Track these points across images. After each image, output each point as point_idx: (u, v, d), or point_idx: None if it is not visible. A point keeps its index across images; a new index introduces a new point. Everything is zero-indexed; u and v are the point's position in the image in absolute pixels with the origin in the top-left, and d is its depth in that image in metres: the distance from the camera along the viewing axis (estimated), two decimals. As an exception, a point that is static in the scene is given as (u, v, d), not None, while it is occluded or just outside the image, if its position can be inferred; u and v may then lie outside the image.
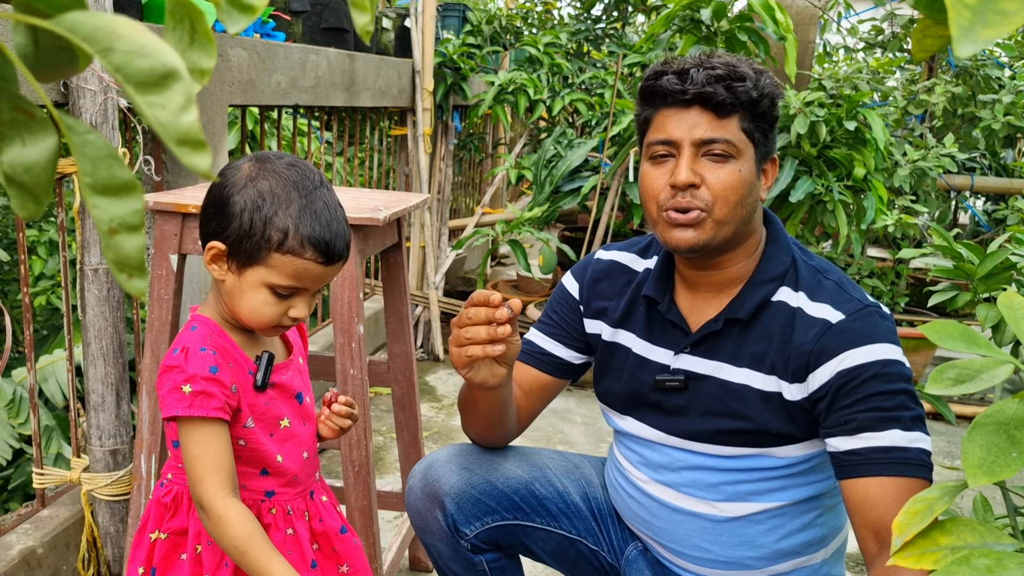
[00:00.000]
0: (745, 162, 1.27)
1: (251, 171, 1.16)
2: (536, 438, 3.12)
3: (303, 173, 1.17)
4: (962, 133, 4.09)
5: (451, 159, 4.30)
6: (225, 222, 1.14)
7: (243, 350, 1.22)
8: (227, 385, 1.16)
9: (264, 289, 1.16)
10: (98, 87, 1.75)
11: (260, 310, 1.17)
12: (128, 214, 0.35)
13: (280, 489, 1.26)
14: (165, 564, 1.24)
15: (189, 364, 1.14)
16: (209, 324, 1.21)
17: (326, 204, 1.17)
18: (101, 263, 1.82)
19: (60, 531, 1.87)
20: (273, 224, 1.13)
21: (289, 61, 2.73)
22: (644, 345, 1.41)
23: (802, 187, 3.11)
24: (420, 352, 4.04)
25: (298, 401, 1.29)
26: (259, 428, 1.22)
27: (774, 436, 1.29)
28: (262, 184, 1.14)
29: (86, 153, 0.34)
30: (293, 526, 1.27)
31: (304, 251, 1.14)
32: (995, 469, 0.51)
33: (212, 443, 1.14)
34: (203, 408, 1.13)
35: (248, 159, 1.18)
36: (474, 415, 1.46)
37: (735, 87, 1.25)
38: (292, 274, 1.15)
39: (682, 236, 1.28)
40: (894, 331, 1.27)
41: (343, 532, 1.33)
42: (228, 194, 1.15)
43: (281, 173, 1.15)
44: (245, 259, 1.15)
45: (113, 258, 0.36)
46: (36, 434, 1.91)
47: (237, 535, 1.13)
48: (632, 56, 3.75)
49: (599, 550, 1.52)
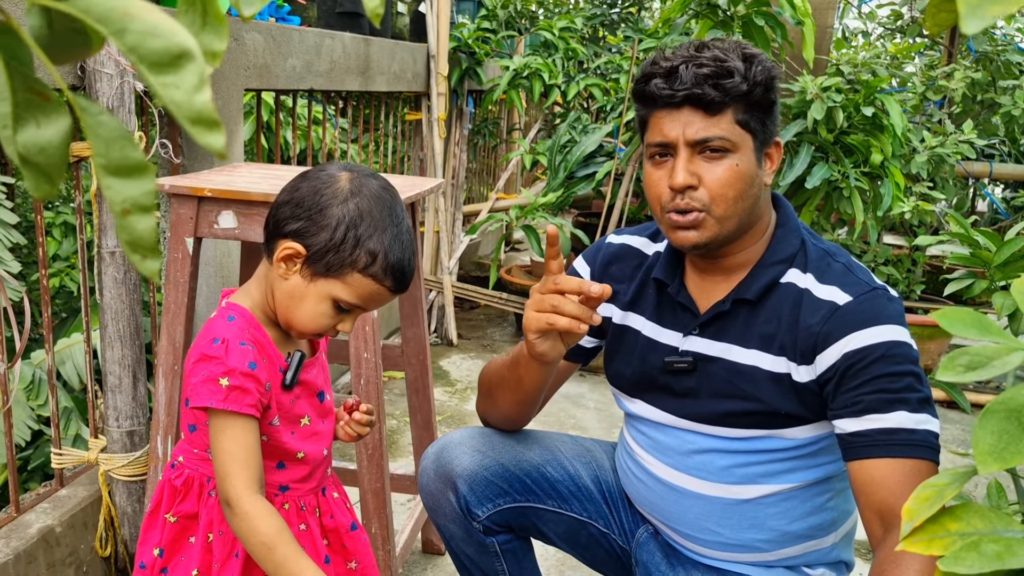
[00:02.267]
0: (743, 154, 1.27)
1: (351, 185, 1.15)
2: (549, 423, 3.13)
3: (395, 198, 1.18)
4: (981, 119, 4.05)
5: (465, 144, 4.29)
6: (315, 229, 1.13)
7: (276, 347, 1.22)
8: (263, 382, 1.16)
9: (328, 302, 1.16)
10: (115, 71, 1.76)
11: (316, 320, 1.17)
12: (141, 195, 0.35)
13: (294, 484, 1.27)
14: (173, 546, 1.25)
15: (229, 357, 1.13)
16: (247, 316, 1.21)
17: (410, 236, 1.19)
18: (118, 246, 1.83)
19: (78, 511, 1.90)
20: (366, 246, 1.13)
21: (304, 45, 2.73)
22: (654, 328, 1.41)
23: (818, 173, 3.08)
24: (434, 337, 4.06)
25: (319, 399, 1.30)
26: (283, 426, 1.23)
27: (783, 417, 1.29)
28: (363, 203, 1.14)
29: (99, 134, 0.34)
30: (306, 521, 1.27)
31: (385, 278, 1.16)
32: (1006, 456, 0.51)
33: (243, 439, 1.14)
34: (238, 403, 1.13)
35: (342, 168, 1.18)
36: (513, 392, 1.45)
37: (724, 84, 1.23)
38: (364, 296, 1.16)
39: (685, 237, 1.29)
40: (902, 313, 1.26)
41: (353, 529, 1.34)
42: (326, 202, 1.13)
43: (379, 196, 1.16)
44: (323, 270, 1.14)
45: (126, 239, 0.36)
46: (54, 415, 1.93)
47: (265, 531, 1.12)
48: (648, 41, 3.72)
49: (610, 533, 1.53)
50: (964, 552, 0.50)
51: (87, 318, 1.98)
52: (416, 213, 1.97)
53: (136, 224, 0.35)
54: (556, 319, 1.24)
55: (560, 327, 1.24)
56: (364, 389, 1.69)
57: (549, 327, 1.25)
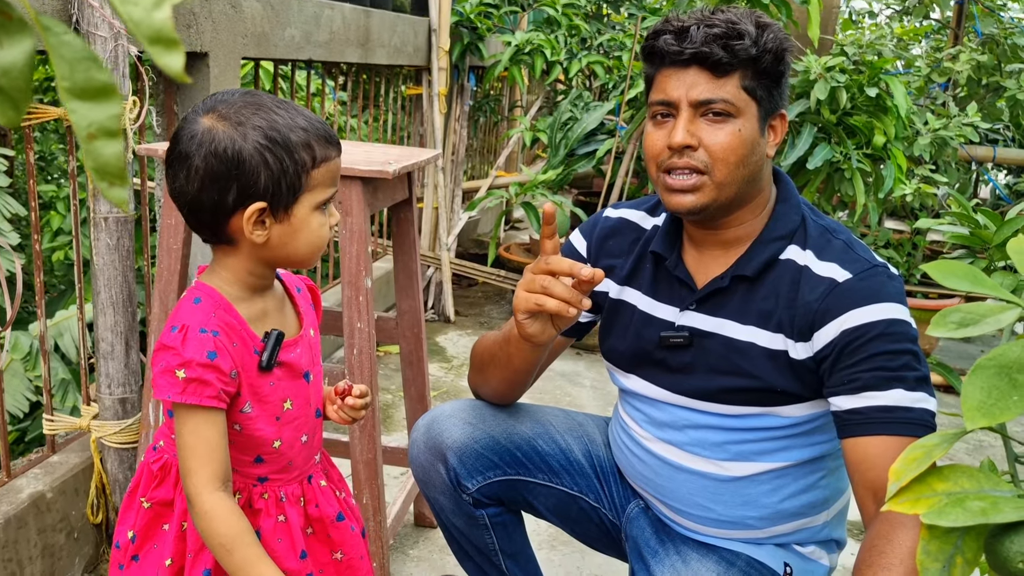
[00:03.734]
0: (746, 121, 1.25)
1: (226, 122, 1.06)
2: (544, 400, 3.13)
3: (257, 94, 1.10)
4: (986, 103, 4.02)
5: (466, 120, 4.27)
6: (251, 179, 1.05)
7: (250, 326, 1.14)
8: (225, 372, 1.08)
9: (314, 213, 1.10)
10: (108, 33, 1.74)
11: (318, 235, 1.12)
12: (106, 119, 0.34)
13: (274, 476, 1.20)
14: (146, 533, 1.20)
15: (186, 348, 1.06)
16: (214, 296, 1.12)
17: (292, 105, 1.11)
18: (111, 211, 1.82)
19: (69, 477, 1.90)
20: (297, 148, 1.06)
21: (303, 15, 2.70)
22: (650, 302, 1.40)
23: (820, 154, 3.07)
24: (431, 313, 4.05)
25: (305, 380, 1.22)
26: (259, 412, 1.15)
27: (779, 395, 1.28)
28: (254, 122, 1.06)
29: (63, 55, 0.33)
30: (285, 513, 1.20)
31: (329, 150, 1.10)
32: (994, 412, 0.50)
33: (204, 433, 1.07)
34: (196, 396, 1.06)
35: (198, 116, 1.08)
36: (502, 370, 1.43)
37: (733, 46, 1.22)
38: (329, 180, 1.11)
39: (680, 201, 1.27)
40: (901, 291, 1.25)
41: (339, 519, 1.27)
42: (232, 154, 1.05)
43: (252, 103, 1.08)
44: (290, 197, 1.08)
45: (92, 165, 0.35)
46: (46, 381, 1.93)
47: (224, 533, 1.07)
48: (651, 19, 3.69)
49: (600, 507, 1.53)
50: (949, 507, 0.50)
51: (80, 284, 1.97)
52: (413, 185, 1.96)
53: (102, 149, 0.34)
54: (545, 300, 1.21)
55: (548, 309, 1.21)
56: (357, 360, 1.68)
57: (538, 308, 1.22)
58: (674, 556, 1.37)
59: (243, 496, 1.19)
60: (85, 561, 1.95)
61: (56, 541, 1.85)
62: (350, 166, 1.61)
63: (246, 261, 1.13)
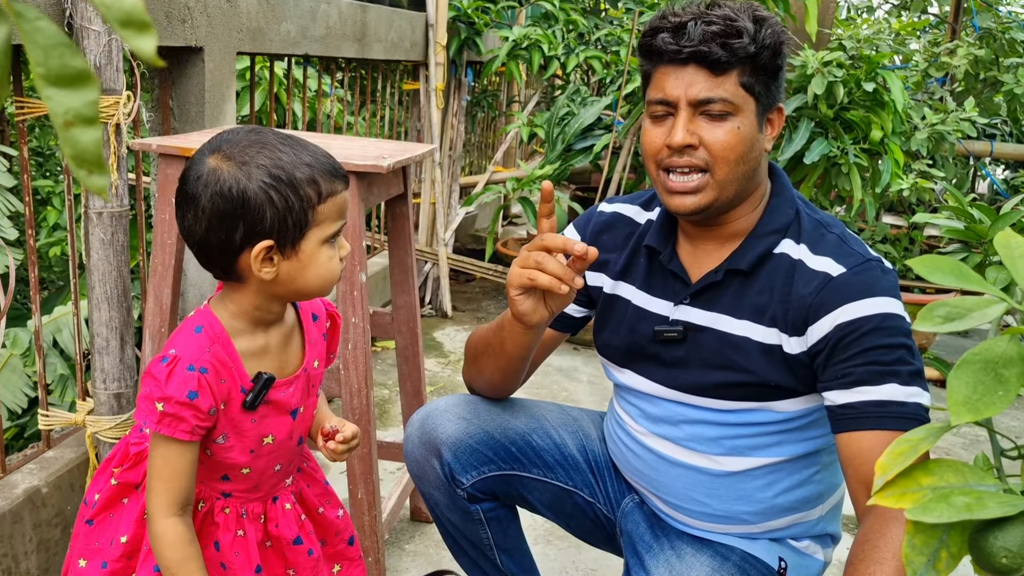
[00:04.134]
0: (745, 118, 1.25)
1: (227, 160, 1.08)
2: (541, 395, 3.13)
3: (262, 131, 1.11)
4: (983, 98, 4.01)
5: (463, 115, 4.26)
6: (256, 218, 1.06)
7: (245, 363, 1.16)
8: (204, 410, 1.11)
9: (322, 248, 1.12)
10: (102, 28, 1.73)
11: (327, 269, 1.13)
12: (83, 106, 0.33)
13: (239, 494, 1.23)
14: (106, 503, 1.23)
15: (170, 383, 1.09)
16: (215, 328, 1.14)
17: (299, 140, 1.12)
18: (105, 206, 1.82)
19: (64, 472, 1.89)
20: (301, 184, 1.08)
21: (299, 9, 2.69)
22: (644, 297, 1.40)
23: (817, 149, 3.06)
24: (428, 308, 4.05)
25: (292, 417, 1.23)
26: (234, 443, 1.17)
27: (774, 389, 1.28)
28: (259, 160, 1.07)
29: (37, 41, 0.33)
30: (244, 528, 1.23)
31: (335, 185, 1.11)
32: (980, 407, 0.50)
33: (172, 461, 1.12)
34: (170, 429, 1.09)
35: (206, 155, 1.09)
36: (496, 359, 1.43)
37: (731, 44, 1.21)
38: (337, 214, 1.12)
39: (682, 202, 1.27)
40: (896, 285, 1.25)
41: (296, 543, 1.28)
42: (238, 193, 1.06)
43: (254, 141, 1.09)
44: (297, 234, 1.09)
45: (70, 153, 0.35)
46: (41, 376, 1.92)
47: (170, 557, 1.12)
48: (649, 13, 3.68)
49: (595, 502, 1.53)
50: (933, 503, 0.50)
51: (75, 279, 1.97)
52: (409, 180, 1.95)
53: (80, 137, 0.34)
54: (537, 276, 1.21)
55: (541, 284, 1.21)
56: (352, 355, 1.68)
57: (530, 283, 1.22)
58: (669, 551, 1.37)
59: (207, 505, 1.22)
60: (80, 556, 1.95)
61: (51, 536, 1.85)
62: (344, 160, 1.61)
63: (254, 297, 1.15)
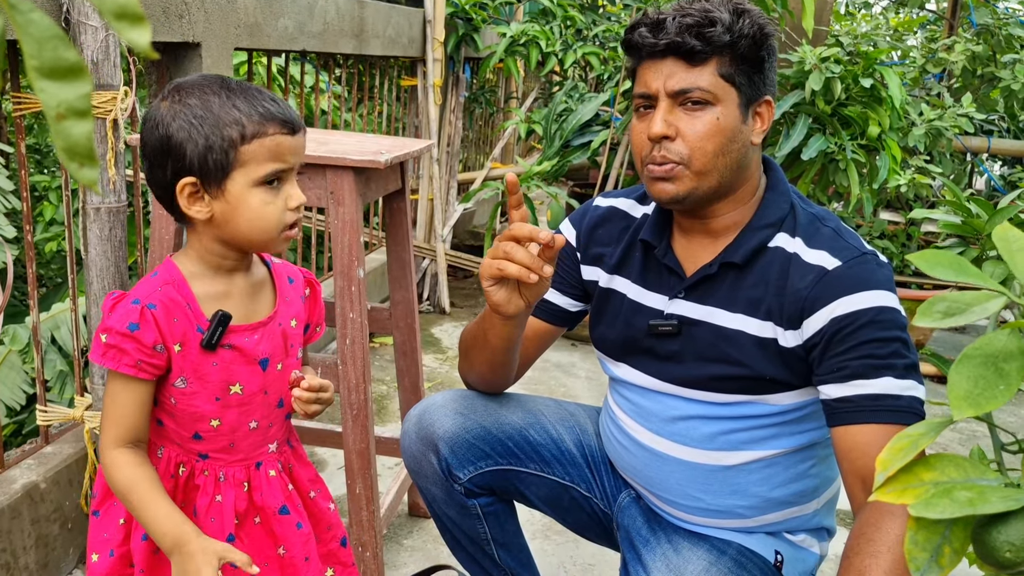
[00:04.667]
0: (725, 108, 1.25)
1: (170, 101, 1.11)
2: (539, 391, 3.13)
3: (218, 77, 1.12)
4: (981, 94, 4.01)
5: (461, 112, 4.25)
6: (179, 155, 1.09)
7: (202, 304, 1.16)
8: (147, 344, 1.11)
9: (253, 190, 1.10)
10: (100, 23, 1.73)
11: (262, 214, 1.11)
12: (76, 98, 0.33)
13: (215, 455, 1.21)
14: (107, 491, 1.23)
15: (112, 315, 1.12)
16: (171, 272, 1.16)
17: (251, 87, 1.12)
18: (103, 202, 1.81)
19: (63, 467, 1.89)
20: (223, 123, 1.08)
21: (297, 5, 2.69)
22: (639, 291, 1.40)
23: (814, 145, 3.06)
24: (426, 304, 4.05)
25: (261, 367, 1.21)
26: (197, 388, 1.17)
27: (768, 382, 1.28)
28: (189, 101, 1.09)
29: (30, 33, 0.33)
30: (223, 493, 1.22)
31: (265, 126, 1.10)
32: (981, 401, 0.50)
33: (119, 397, 1.14)
34: (114, 362, 1.11)
35: (160, 98, 1.14)
36: (481, 351, 1.44)
37: (706, 33, 1.22)
38: (268, 156, 1.10)
39: (662, 189, 1.28)
40: (891, 279, 1.25)
41: (282, 512, 1.26)
42: (164, 131, 1.09)
43: (198, 84, 1.11)
44: (220, 174, 1.09)
45: (62, 145, 0.34)
46: (39, 371, 1.92)
47: (120, 480, 1.13)
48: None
49: (592, 497, 1.53)
50: (936, 498, 0.49)
51: (73, 275, 1.96)
52: (406, 175, 1.95)
53: (72, 129, 0.34)
54: (506, 266, 1.22)
55: (509, 274, 1.21)
56: (350, 350, 1.68)
57: (500, 273, 1.23)
58: (665, 545, 1.37)
59: (187, 469, 1.21)
60: (80, 551, 1.94)
61: (50, 531, 1.85)
62: (342, 156, 1.60)
63: (203, 239, 1.17)
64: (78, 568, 1.94)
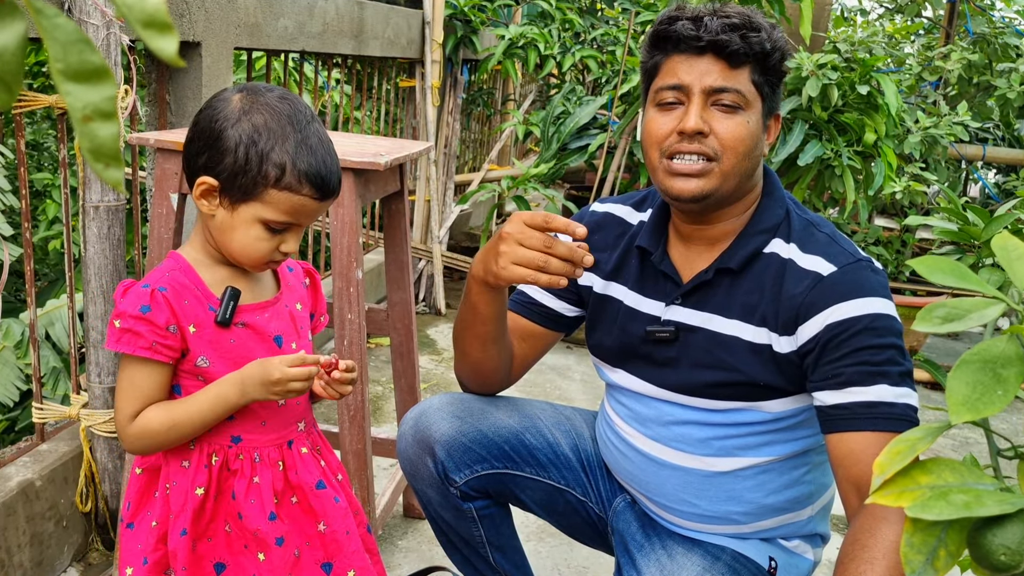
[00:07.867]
0: (753, 114, 1.26)
1: (243, 104, 1.13)
2: (534, 394, 3.13)
3: (295, 106, 1.14)
4: (976, 102, 4.03)
5: (459, 113, 4.26)
6: (217, 157, 1.12)
7: (210, 288, 1.19)
8: (160, 325, 1.13)
9: (257, 225, 1.14)
10: (101, 21, 1.73)
11: (252, 246, 1.15)
12: (102, 101, 0.34)
13: (248, 436, 1.22)
14: (140, 501, 1.24)
15: (124, 300, 1.14)
16: (178, 260, 1.20)
17: (320, 139, 1.14)
18: (102, 200, 1.81)
19: (59, 465, 1.89)
20: (270, 160, 1.11)
21: (297, 5, 2.69)
22: (635, 297, 1.40)
23: (811, 151, 3.07)
24: (422, 305, 4.05)
25: (276, 344, 1.24)
26: (220, 366, 1.19)
27: (763, 389, 1.29)
28: (256, 118, 1.11)
29: (56, 37, 0.33)
30: (260, 475, 1.23)
31: (301, 187, 1.13)
32: (979, 407, 0.51)
33: (135, 378, 1.16)
34: (129, 345, 1.13)
35: (236, 90, 1.15)
36: (471, 328, 1.40)
37: (750, 37, 1.23)
38: (288, 210, 1.14)
39: (684, 186, 1.26)
40: (886, 285, 1.25)
41: (319, 487, 1.27)
42: (220, 128, 1.12)
43: (274, 106, 1.13)
44: (239, 195, 1.13)
45: (88, 147, 0.35)
46: (36, 369, 1.92)
47: (155, 426, 1.15)
48: (645, 13, 3.69)
49: (587, 501, 1.53)
50: (932, 501, 0.50)
51: (71, 273, 1.96)
52: (405, 177, 1.95)
53: (98, 131, 0.34)
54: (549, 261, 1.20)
55: (552, 270, 1.20)
56: (348, 351, 1.69)
57: (541, 267, 1.20)
58: (660, 550, 1.37)
59: (220, 457, 1.22)
60: (74, 549, 1.94)
61: (45, 529, 1.85)
62: (342, 157, 1.61)
63: (207, 231, 1.20)
64: (72, 566, 1.94)
